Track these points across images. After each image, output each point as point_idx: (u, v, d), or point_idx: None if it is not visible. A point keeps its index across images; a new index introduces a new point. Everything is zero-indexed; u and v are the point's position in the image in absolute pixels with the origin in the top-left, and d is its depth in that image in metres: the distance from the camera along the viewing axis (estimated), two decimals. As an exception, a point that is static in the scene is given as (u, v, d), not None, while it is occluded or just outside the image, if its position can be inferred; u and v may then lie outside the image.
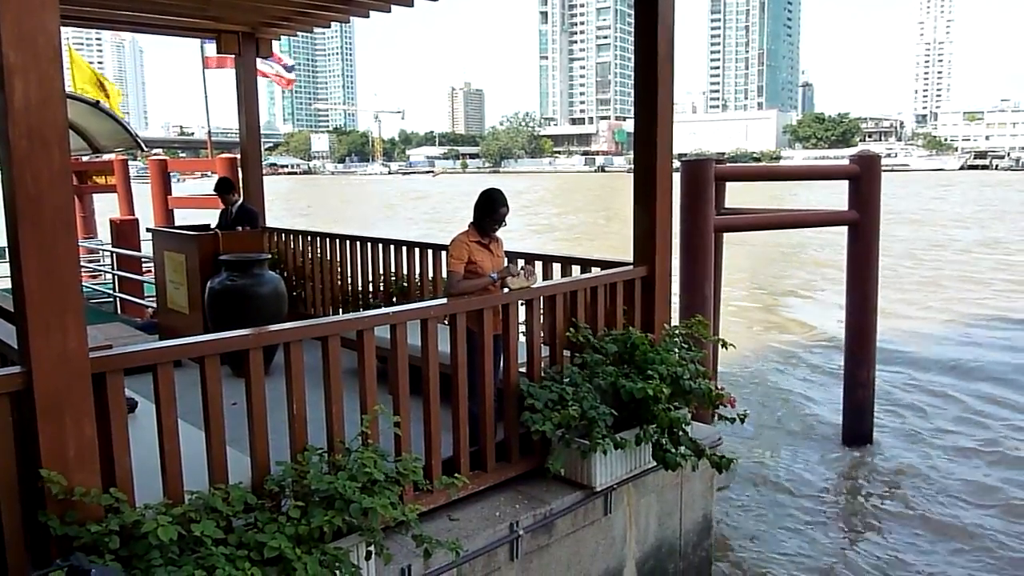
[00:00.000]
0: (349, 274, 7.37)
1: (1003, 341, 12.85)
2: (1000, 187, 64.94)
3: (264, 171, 9.22)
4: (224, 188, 7.63)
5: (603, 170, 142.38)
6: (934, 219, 36.95)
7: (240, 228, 7.45)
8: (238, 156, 8.94)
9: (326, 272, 7.57)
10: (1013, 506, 6.71)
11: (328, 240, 7.59)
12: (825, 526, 6.49)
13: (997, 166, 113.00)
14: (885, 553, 6.01)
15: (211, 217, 8.36)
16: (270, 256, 6.95)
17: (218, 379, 3.12)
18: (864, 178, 7.79)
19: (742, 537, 6.26)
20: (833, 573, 5.73)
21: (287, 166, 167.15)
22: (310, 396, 3.37)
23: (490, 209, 4.44)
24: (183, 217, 11.83)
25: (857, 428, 8.11)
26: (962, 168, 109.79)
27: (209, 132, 18.64)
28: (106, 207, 15.12)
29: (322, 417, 3.45)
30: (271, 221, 8.55)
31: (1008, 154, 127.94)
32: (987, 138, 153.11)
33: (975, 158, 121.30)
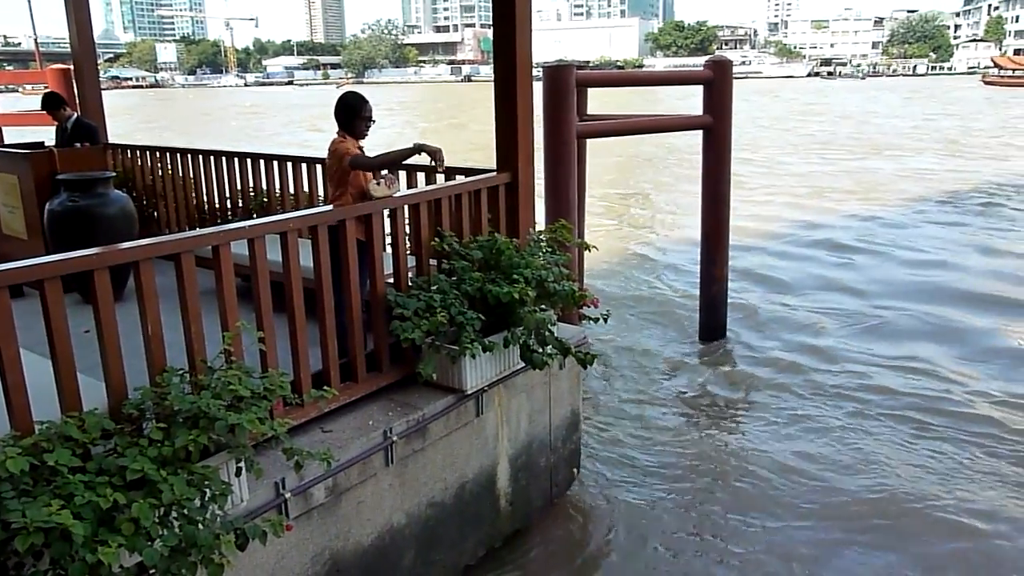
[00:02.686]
0: (205, 191, 7.03)
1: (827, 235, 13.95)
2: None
3: (105, 84, 8.53)
4: (51, 103, 7.00)
5: (470, 79, 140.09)
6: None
7: (78, 145, 6.91)
8: (71, 67, 8.21)
9: (179, 190, 7.18)
10: (844, 386, 7.44)
11: (179, 155, 7.18)
12: (680, 411, 6.94)
13: (840, 73, 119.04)
14: (733, 429, 6.54)
15: (47, 134, 7.71)
16: (115, 174, 6.51)
17: (61, 304, 2.93)
18: (717, 83, 8.04)
19: (603, 427, 6.62)
20: (684, 452, 6.17)
21: (131, 79, 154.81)
22: (168, 320, 3.25)
23: (356, 110, 4.35)
24: (18, 135, 10.79)
25: (712, 322, 8.62)
26: (809, 75, 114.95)
27: (36, 41, 17.02)
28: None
29: (181, 341, 3.34)
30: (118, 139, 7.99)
31: (850, 61, 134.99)
32: (832, 46, 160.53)
33: (820, 65, 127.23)
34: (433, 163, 4.27)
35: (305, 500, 3.57)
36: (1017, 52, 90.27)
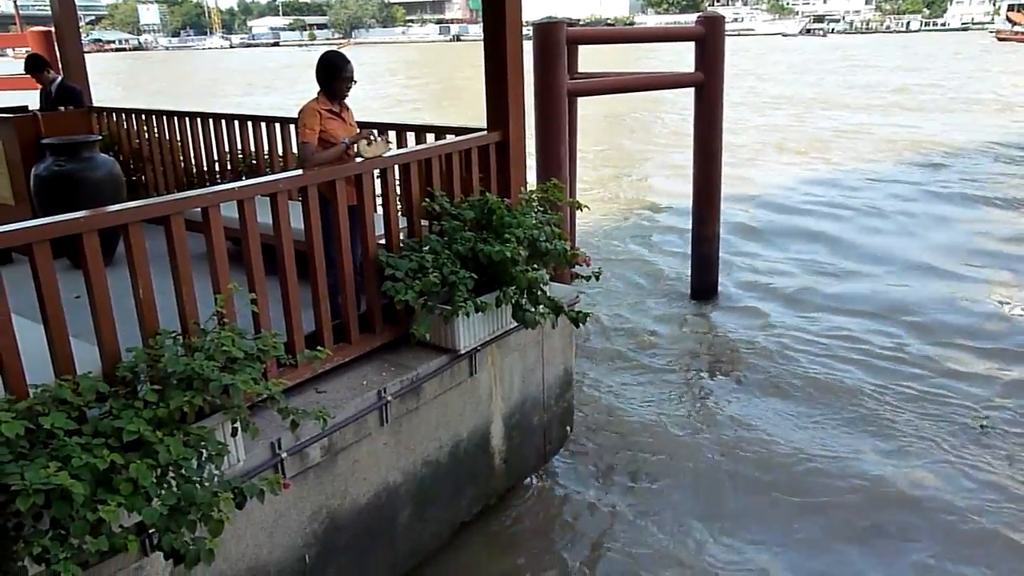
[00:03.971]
0: (192, 154, 6.96)
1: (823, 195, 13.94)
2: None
3: (87, 48, 8.40)
4: (35, 66, 6.91)
5: (459, 39, 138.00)
6: (776, 81, 38.39)
7: (63, 108, 6.84)
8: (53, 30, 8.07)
9: (166, 153, 7.11)
10: (827, 337, 7.51)
11: (165, 118, 7.10)
12: (671, 370, 6.99)
13: (833, 30, 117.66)
14: (724, 387, 6.60)
15: (30, 99, 7.62)
16: (101, 138, 6.43)
17: (51, 267, 2.92)
18: (709, 39, 7.96)
19: (597, 383, 6.68)
20: (674, 411, 6.24)
21: (114, 42, 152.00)
22: (159, 285, 3.25)
23: (336, 69, 4.31)
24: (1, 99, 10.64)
25: (704, 281, 8.65)
26: (801, 33, 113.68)
27: (16, 4, 16.74)
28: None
29: (173, 306, 3.34)
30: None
31: (843, 18, 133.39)
32: (825, 1, 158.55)
33: (814, 22, 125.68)
34: (369, 144, 4.20)
35: (301, 460, 3.61)
36: (1011, 8, 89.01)
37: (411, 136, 5.40)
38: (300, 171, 4.05)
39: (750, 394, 6.48)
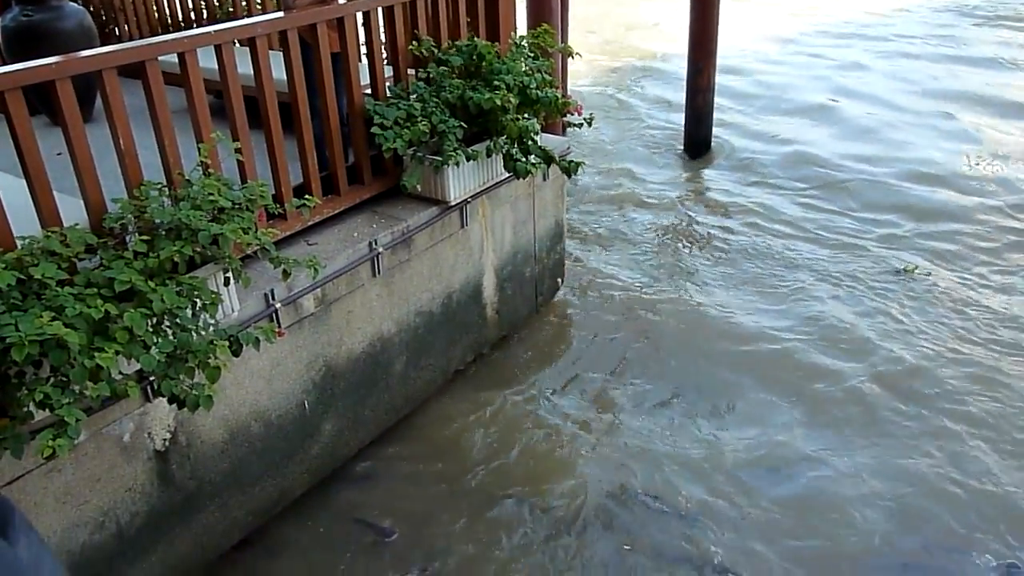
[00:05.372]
0: (167, 2, 6.64)
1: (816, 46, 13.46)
2: None
3: None
4: None
5: None
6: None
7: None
8: None
9: (139, 2, 6.77)
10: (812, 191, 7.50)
11: (135, -37, 6.70)
12: (659, 224, 6.96)
13: None
14: (707, 245, 6.61)
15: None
16: (67, -16, 6.09)
17: (26, 116, 2.83)
18: None
19: (587, 237, 6.69)
20: (659, 264, 6.29)
21: None
22: (141, 140, 3.16)
23: None
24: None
25: (697, 134, 8.46)
26: None
27: None
28: None
29: (156, 163, 3.27)
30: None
31: None
32: None
33: None
34: None
35: (296, 310, 3.65)
36: None
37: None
38: (278, 14, 3.86)
39: (730, 256, 6.45)
